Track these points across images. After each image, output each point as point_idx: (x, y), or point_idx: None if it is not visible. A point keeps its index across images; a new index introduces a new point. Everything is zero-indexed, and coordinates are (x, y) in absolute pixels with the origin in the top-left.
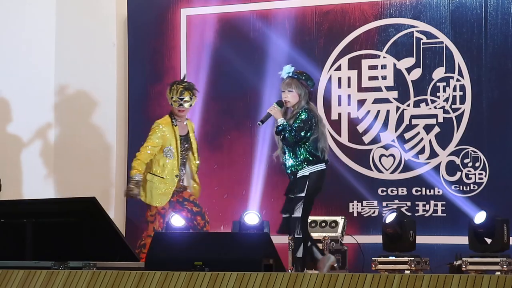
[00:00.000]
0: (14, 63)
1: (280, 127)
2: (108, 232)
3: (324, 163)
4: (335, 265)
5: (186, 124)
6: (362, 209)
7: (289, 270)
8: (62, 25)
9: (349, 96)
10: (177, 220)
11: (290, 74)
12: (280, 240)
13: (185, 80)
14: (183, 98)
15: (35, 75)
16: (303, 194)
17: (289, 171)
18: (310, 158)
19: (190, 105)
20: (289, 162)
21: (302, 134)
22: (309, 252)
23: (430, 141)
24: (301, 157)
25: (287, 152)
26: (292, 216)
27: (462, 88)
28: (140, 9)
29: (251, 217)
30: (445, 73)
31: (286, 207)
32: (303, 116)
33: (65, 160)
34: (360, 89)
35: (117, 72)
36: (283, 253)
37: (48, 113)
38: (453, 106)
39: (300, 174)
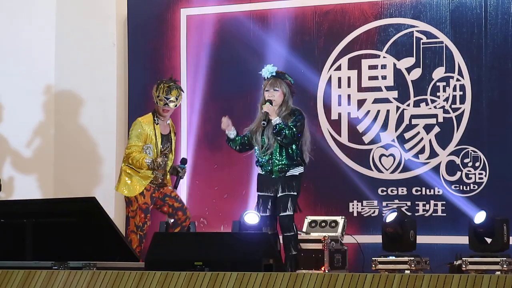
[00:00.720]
0: (14, 63)
1: (277, 126)
2: (108, 232)
3: (303, 166)
4: None
5: (169, 124)
6: (362, 209)
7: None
8: (62, 25)
9: (349, 96)
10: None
11: (274, 74)
12: (280, 240)
13: (172, 79)
14: (169, 98)
15: (35, 75)
16: (295, 193)
17: (276, 169)
18: (299, 158)
19: (175, 105)
20: (277, 160)
21: (299, 134)
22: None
23: (430, 141)
24: (293, 157)
25: (278, 151)
26: (287, 214)
27: (462, 88)
28: (140, 9)
29: (251, 217)
30: (445, 73)
31: (264, 206)
32: (300, 116)
33: (65, 160)
34: (360, 89)
35: (117, 72)
36: (283, 253)
37: (48, 113)
38: (453, 106)
39: (290, 173)
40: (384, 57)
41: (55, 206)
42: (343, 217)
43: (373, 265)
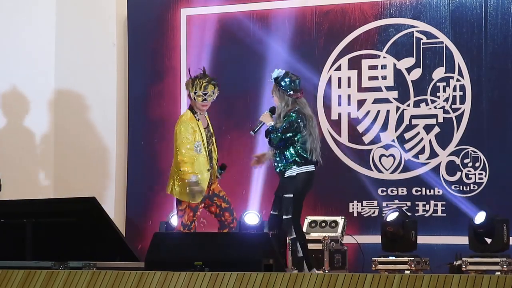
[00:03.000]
0: (14, 63)
1: (266, 131)
2: (108, 232)
3: (313, 165)
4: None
5: (206, 116)
6: (362, 209)
7: (292, 269)
8: (62, 25)
9: (349, 96)
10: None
11: (273, 81)
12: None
13: (206, 74)
14: (207, 93)
15: (35, 75)
16: (291, 195)
17: (277, 171)
18: (298, 159)
19: (213, 99)
20: (278, 162)
21: (288, 135)
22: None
23: (430, 141)
24: (290, 158)
25: (278, 153)
26: (284, 217)
27: (462, 88)
28: (140, 9)
29: (251, 217)
30: (445, 73)
31: (275, 205)
32: (291, 118)
33: (65, 160)
34: (360, 89)
35: (117, 72)
36: (283, 253)
37: (48, 113)
38: (453, 106)
39: (287, 174)
40: (384, 57)
41: (55, 206)
42: (343, 217)
43: (373, 265)
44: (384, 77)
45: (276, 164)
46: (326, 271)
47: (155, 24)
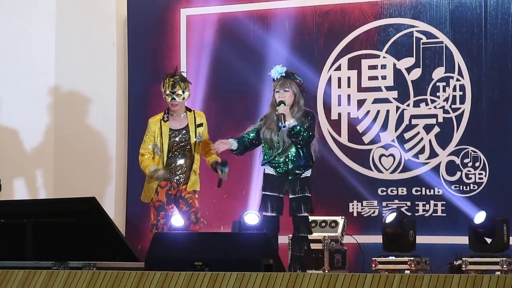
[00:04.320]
0: (14, 63)
1: (295, 129)
2: (108, 232)
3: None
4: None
5: (185, 116)
6: (362, 209)
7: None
8: (62, 25)
9: (349, 96)
10: (178, 220)
11: (283, 74)
12: (280, 240)
13: (177, 72)
14: (175, 92)
15: (35, 75)
16: (309, 194)
17: (293, 171)
18: (310, 160)
19: (183, 98)
20: (293, 162)
21: (312, 134)
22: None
23: (430, 141)
24: (308, 158)
25: (295, 153)
26: (304, 215)
27: (462, 88)
28: (140, 9)
29: (251, 217)
30: (445, 73)
31: (297, 206)
32: (313, 119)
33: (65, 160)
34: (360, 89)
35: (117, 72)
36: (283, 253)
37: (48, 113)
38: (453, 106)
39: (304, 175)
40: (384, 57)
41: (55, 206)
42: (343, 217)
43: (373, 265)
44: (384, 77)
45: (290, 163)
46: (326, 271)
47: (155, 24)
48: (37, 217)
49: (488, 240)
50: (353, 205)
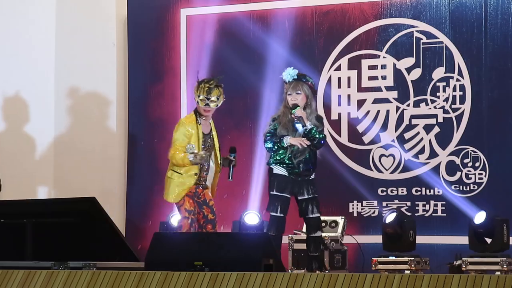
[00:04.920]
0: (14, 63)
1: (312, 131)
2: (108, 232)
3: None
4: None
5: (210, 123)
6: (362, 209)
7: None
8: (62, 25)
9: (349, 96)
10: (178, 220)
11: (295, 77)
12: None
13: (214, 78)
14: (210, 98)
15: (35, 75)
16: (317, 195)
17: (305, 172)
18: (316, 163)
19: (217, 105)
20: (307, 164)
21: (325, 138)
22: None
23: (430, 141)
24: (316, 160)
25: (309, 155)
26: (316, 215)
27: (462, 88)
28: (140, 9)
29: (251, 217)
30: (445, 73)
31: (308, 208)
32: (323, 122)
33: (65, 160)
34: (360, 89)
35: (117, 72)
36: (283, 253)
37: (48, 113)
38: (453, 106)
39: (313, 176)
40: (384, 57)
41: (55, 206)
42: (343, 217)
43: (373, 265)
44: (384, 77)
45: (303, 165)
46: (326, 271)
47: (155, 24)
48: (37, 217)
49: (488, 240)
50: (353, 205)
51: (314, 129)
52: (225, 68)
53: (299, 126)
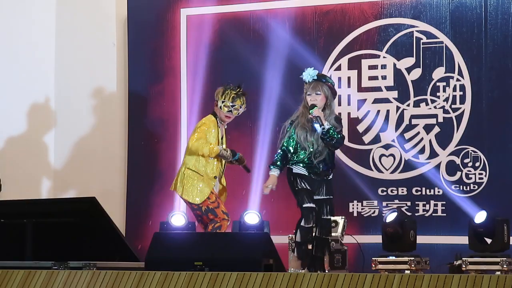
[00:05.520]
0: (14, 63)
1: (330, 131)
2: (108, 232)
3: None
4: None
5: (224, 129)
6: (362, 209)
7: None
8: (62, 25)
9: (349, 96)
10: (178, 220)
11: (315, 77)
12: (280, 240)
13: (240, 86)
14: (234, 106)
15: (35, 75)
16: (332, 196)
17: (324, 172)
18: (334, 164)
19: (238, 113)
20: (324, 164)
21: (344, 139)
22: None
23: (430, 141)
24: (333, 161)
25: (328, 155)
26: (329, 217)
27: (462, 88)
28: (140, 9)
29: (251, 217)
30: (445, 73)
31: (321, 209)
32: (341, 124)
33: (65, 160)
34: (360, 89)
35: (117, 72)
36: (283, 253)
37: (48, 113)
38: (453, 106)
39: (330, 177)
40: (384, 57)
41: (55, 206)
42: (343, 217)
43: (373, 265)
44: (384, 77)
45: (323, 165)
46: (326, 271)
47: (155, 24)
48: (37, 217)
49: (488, 240)
50: (353, 205)
51: (332, 129)
52: (225, 68)
53: (317, 126)
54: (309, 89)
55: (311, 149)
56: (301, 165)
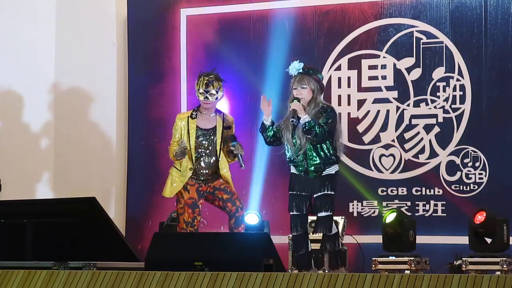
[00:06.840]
0: (14, 62)
1: (307, 124)
2: (108, 232)
3: (338, 164)
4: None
5: (214, 117)
6: (362, 209)
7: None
8: (62, 25)
9: (349, 96)
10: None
11: (301, 71)
12: (280, 240)
13: (213, 71)
14: (209, 91)
15: (35, 74)
16: (333, 192)
17: (312, 169)
18: (333, 157)
19: (216, 98)
20: (310, 159)
21: (331, 132)
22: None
23: (430, 141)
24: (328, 155)
25: (312, 150)
26: (325, 214)
27: (462, 88)
28: (140, 9)
29: (251, 217)
30: (445, 73)
31: (317, 206)
32: (332, 113)
33: (65, 160)
34: (360, 89)
35: (117, 72)
36: (283, 253)
37: (48, 113)
38: (453, 106)
39: (326, 172)
40: (384, 57)
41: (55, 206)
42: (343, 217)
43: (373, 265)
44: (384, 77)
45: (307, 162)
46: (326, 271)
47: (155, 24)
48: (37, 217)
49: (488, 240)
50: (353, 205)
51: (312, 122)
52: (225, 68)
53: (293, 120)
54: (294, 83)
55: (295, 147)
56: (291, 164)
